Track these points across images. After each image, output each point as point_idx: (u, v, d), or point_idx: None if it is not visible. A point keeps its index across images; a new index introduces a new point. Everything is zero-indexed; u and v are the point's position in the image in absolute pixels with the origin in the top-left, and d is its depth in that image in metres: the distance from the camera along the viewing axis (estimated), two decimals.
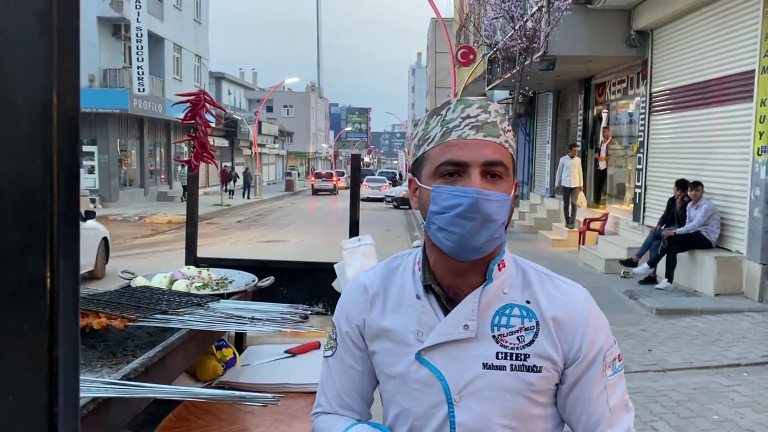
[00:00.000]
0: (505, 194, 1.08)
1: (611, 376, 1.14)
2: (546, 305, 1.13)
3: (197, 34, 33.06)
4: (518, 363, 1.10)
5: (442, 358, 1.12)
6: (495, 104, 1.14)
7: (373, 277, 1.25)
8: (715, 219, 8.36)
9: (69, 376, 0.40)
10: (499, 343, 1.11)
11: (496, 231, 1.07)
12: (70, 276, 0.40)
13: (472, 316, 1.10)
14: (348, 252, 2.67)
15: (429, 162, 1.11)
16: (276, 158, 57.75)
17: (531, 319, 1.11)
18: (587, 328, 1.13)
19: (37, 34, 0.38)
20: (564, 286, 1.17)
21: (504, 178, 1.09)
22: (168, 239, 16.10)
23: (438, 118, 1.12)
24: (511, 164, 1.11)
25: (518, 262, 1.19)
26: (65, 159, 0.40)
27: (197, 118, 2.69)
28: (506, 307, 1.13)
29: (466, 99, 1.13)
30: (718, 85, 8.84)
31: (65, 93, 0.39)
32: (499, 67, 13.93)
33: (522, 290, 1.14)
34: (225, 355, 2.16)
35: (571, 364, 1.12)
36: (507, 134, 1.12)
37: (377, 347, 1.19)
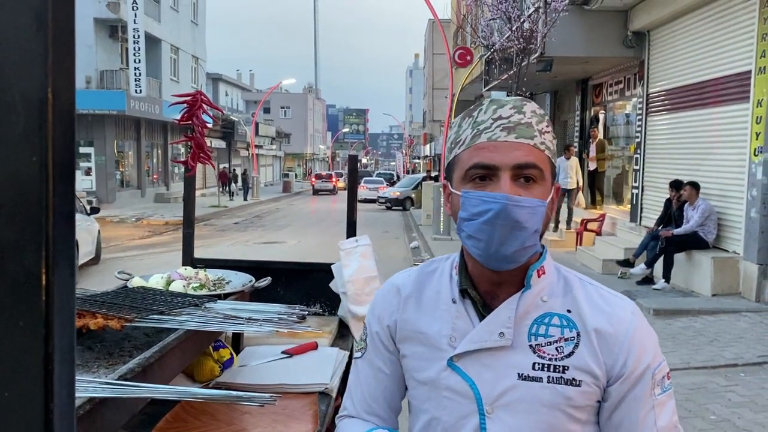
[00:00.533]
0: (539, 200, 1.02)
1: (660, 395, 1.06)
2: (589, 316, 1.06)
3: (194, 36, 33.06)
4: (556, 375, 1.04)
5: (475, 366, 1.07)
6: (532, 104, 1.08)
7: (408, 278, 1.22)
8: (712, 220, 8.38)
9: (65, 372, 0.40)
10: (537, 353, 1.05)
11: (528, 239, 1.01)
12: (66, 272, 0.40)
13: (508, 324, 1.05)
14: (345, 253, 2.67)
15: (459, 166, 1.07)
16: (273, 159, 57.75)
17: (571, 329, 1.06)
18: (633, 342, 1.05)
19: (33, 30, 0.38)
20: (610, 297, 1.10)
21: (539, 182, 1.03)
22: (165, 240, 16.08)
23: (469, 120, 1.08)
24: (548, 167, 1.05)
25: (560, 270, 1.13)
26: (61, 156, 0.40)
27: (194, 119, 2.68)
28: (545, 315, 1.07)
29: (500, 99, 1.08)
30: (714, 86, 8.86)
31: (61, 90, 0.39)
32: (497, 68, 13.95)
33: (563, 299, 1.08)
34: (222, 355, 2.16)
35: (615, 380, 1.05)
36: (544, 135, 1.06)
37: (408, 350, 1.15)
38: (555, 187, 1.08)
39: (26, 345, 0.39)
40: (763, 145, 7.49)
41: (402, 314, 1.17)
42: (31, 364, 0.39)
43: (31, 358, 0.39)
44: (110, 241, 15.72)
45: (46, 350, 0.39)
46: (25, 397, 0.39)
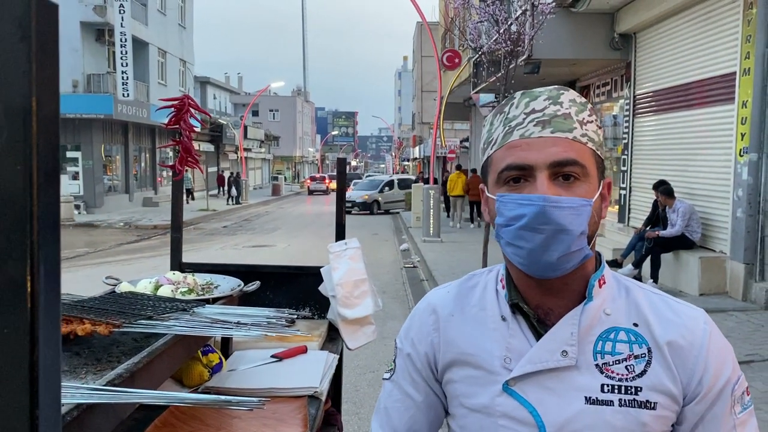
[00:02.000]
0: (583, 199, 0.91)
1: (741, 414, 0.95)
2: (658, 328, 0.95)
3: (182, 39, 32.93)
4: (628, 397, 0.92)
5: (536, 390, 0.95)
6: (571, 92, 0.97)
7: (446, 296, 1.10)
8: (694, 219, 8.46)
9: (50, 379, 0.40)
10: (604, 373, 0.93)
11: (574, 243, 0.90)
12: (51, 280, 0.41)
13: (571, 341, 0.94)
14: (334, 255, 2.67)
15: (493, 168, 0.98)
16: (262, 162, 57.62)
17: (641, 344, 0.95)
18: (710, 355, 0.94)
19: (16, 40, 0.38)
20: (678, 307, 0.99)
21: (582, 180, 0.92)
22: (154, 245, 16.00)
23: (501, 117, 0.98)
24: (592, 161, 0.95)
25: (620, 279, 1.02)
26: (45, 164, 0.40)
27: (181, 123, 2.68)
28: (610, 330, 0.96)
29: (533, 91, 0.97)
30: (700, 87, 8.94)
31: (45, 99, 0.40)
32: (485, 70, 14.00)
33: (627, 311, 0.97)
34: (211, 360, 2.16)
35: (691, 400, 0.93)
36: (586, 126, 0.95)
37: (455, 375, 1.03)
38: (605, 182, 0.98)
39: (11, 353, 0.39)
40: (748, 146, 7.57)
41: (443, 335, 1.06)
42: (17, 372, 0.39)
43: (16, 367, 0.39)
44: (98, 245, 15.63)
45: (31, 358, 0.39)
46: (11, 405, 0.39)
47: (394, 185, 29.35)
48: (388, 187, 29.20)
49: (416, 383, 1.10)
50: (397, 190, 28.93)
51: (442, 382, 1.08)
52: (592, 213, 0.93)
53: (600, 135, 0.98)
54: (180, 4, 32.82)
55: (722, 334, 0.99)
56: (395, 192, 28.89)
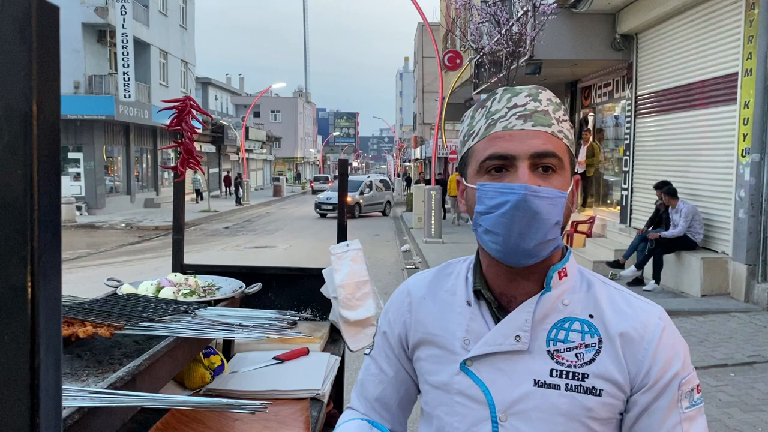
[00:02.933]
0: (560, 190, 0.96)
1: (688, 409, 0.98)
2: (612, 320, 1.00)
3: (183, 40, 32.95)
4: (575, 383, 0.97)
5: (490, 371, 1.01)
6: (548, 92, 1.02)
7: (422, 281, 1.18)
8: (697, 220, 8.44)
9: (51, 385, 0.40)
10: (555, 359, 0.99)
11: (550, 232, 0.95)
12: (52, 285, 0.40)
13: (525, 327, 1.00)
14: (336, 257, 2.67)
15: (474, 158, 1.01)
16: (263, 164, 57.63)
17: (593, 334, 0.99)
18: (660, 349, 0.98)
19: (17, 42, 0.38)
20: (636, 302, 1.04)
21: (558, 172, 0.98)
22: (155, 246, 16.00)
23: (483, 111, 1.02)
24: (567, 157, 1.00)
25: (584, 273, 1.07)
26: (46, 168, 0.39)
27: (183, 125, 2.67)
28: (566, 320, 1.01)
29: (514, 88, 1.02)
30: (702, 87, 8.93)
31: (45, 102, 0.39)
32: (486, 71, 14.00)
33: (585, 303, 1.02)
34: (213, 362, 2.15)
35: (638, 390, 0.98)
36: (562, 124, 1.00)
37: (422, 353, 1.11)
38: (575, 179, 1.02)
39: (12, 359, 0.39)
40: (750, 146, 7.56)
41: (415, 316, 1.14)
42: (17, 378, 0.39)
43: (16, 373, 0.39)
44: (99, 246, 15.63)
45: (32, 364, 0.39)
46: (11, 412, 0.39)
47: (373, 187, 27.08)
48: (368, 188, 26.81)
49: (390, 359, 1.19)
50: (376, 192, 27.02)
51: (412, 359, 1.15)
52: (566, 204, 0.98)
53: (572, 133, 1.04)
54: (181, 5, 32.84)
55: (678, 332, 1.04)
56: (374, 194, 26.89)
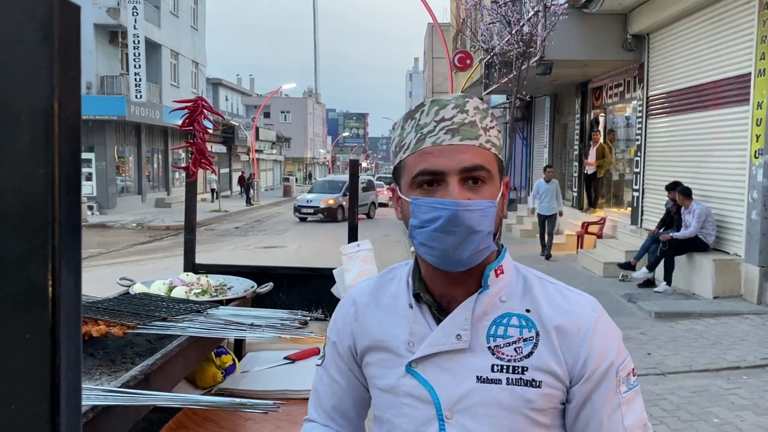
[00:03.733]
0: (489, 201, 1.00)
1: (626, 393, 1.03)
2: (548, 314, 1.03)
3: (194, 41, 33.10)
4: (515, 376, 1.00)
5: (434, 371, 1.04)
6: (474, 100, 1.04)
7: (366, 288, 1.20)
8: (709, 222, 8.37)
9: (71, 384, 0.40)
10: (495, 354, 1.02)
11: (482, 242, 0.99)
12: (72, 284, 0.40)
13: (465, 326, 1.03)
14: (347, 257, 2.67)
15: (406, 171, 1.05)
16: (273, 164, 57.76)
17: (530, 329, 1.03)
18: (595, 339, 1.02)
19: (39, 41, 0.38)
20: (570, 294, 1.07)
21: (488, 183, 1.01)
22: (166, 245, 16.07)
23: (412, 123, 1.04)
24: (495, 165, 1.03)
25: (519, 269, 1.10)
26: (67, 167, 0.39)
27: (195, 125, 2.68)
28: (504, 316, 1.04)
29: (440, 99, 1.04)
30: (714, 88, 8.87)
31: (67, 101, 0.39)
32: (496, 71, 13.97)
33: (522, 298, 1.05)
34: (224, 361, 2.16)
35: (577, 380, 1.02)
36: (489, 132, 1.03)
37: (370, 359, 1.13)
38: (504, 182, 1.06)
39: (33, 358, 0.39)
40: (763, 147, 7.49)
41: (361, 324, 1.15)
42: (38, 376, 0.39)
43: (37, 371, 0.39)
44: (111, 246, 15.73)
45: (52, 363, 0.39)
46: (32, 410, 0.39)
47: None
48: None
49: (341, 369, 1.20)
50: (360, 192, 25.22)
51: (362, 366, 1.17)
52: (497, 212, 1.02)
53: (500, 139, 1.06)
54: (192, 6, 32.98)
55: (611, 321, 1.07)
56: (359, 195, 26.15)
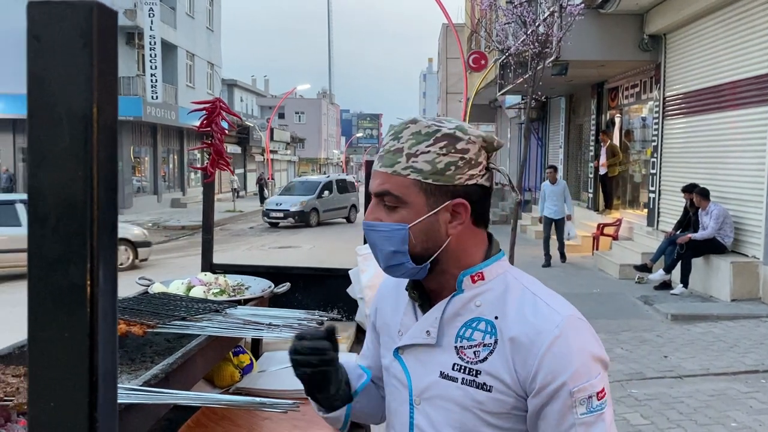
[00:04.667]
0: (397, 224, 1.08)
1: (584, 415, 1.02)
2: (509, 324, 1.06)
3: (210, 42, 33.30)
4: (469, 378, 1.07)
5: (412, 360, 1.15)
6: (420, 123, 1.10)
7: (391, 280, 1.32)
8: (727, 223, 8.29)
9: (108, 381, 0.41)
10: (459, 354, 1.09)
11: (391, 258, 1.10)
12: (109, 284, 0.41)
13: (434, 324, 1.11)
14: (363, 258, 2.67)
15: None
16: (288, 164, 57.94)
17: (492, 335, 1.07)
18: (547, 356, 1.02)
19: (79, 47, 0.39)
20: (542, 308, 1.07)
21: (401, 207, 1.08)
22: (182, 245, 16.19)
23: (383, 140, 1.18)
24: (414, 190, 1.08)
25: (507, 277, 1.13)
26: (105, 169, 0.40)
27: (213, 126, 2.71)
28: (474, 320, 1.09)
29: (397, 126, 1.14)
30: (732, 89, 8.78)
31: (104, 105, 0.40)
32: (511, 72, 13.92)
33: (495, 305, 1.09)
34: (242, 361, 2.17)
35: (529, 393, 1.05)
36: (418, 157, 1.07)
37: (381, 339, 1.29)
38: (452, 203, 1.09)
39: (72, 355, 0.40)
40: None
41: (379, 307, 1.31)
42: (77, 374, 0.40)
43: (76, 369, 0.40)
44: None
45: (91, 360, 0.40)
46: (72, 407, 0.40)
47: (333, 188, 22.80)
48: (327, 190, 22.64)
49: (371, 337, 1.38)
50: (337, 194, 22.99)
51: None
52: (417, 233, 1.08)
53: (435, 164, 1.08)
54: (208, 8, 33.19)
55: (581, 341, 1.05)
56: (335, 197, 22.78)
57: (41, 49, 0.39)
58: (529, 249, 12.72)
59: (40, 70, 0.39)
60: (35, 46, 0.39)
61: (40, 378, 0.40)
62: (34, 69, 0.39)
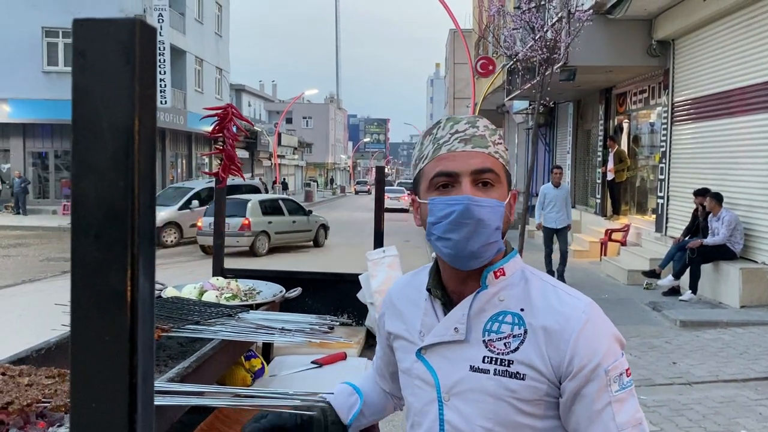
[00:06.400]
0: (498, 200, 1.13)
1: (618, 392, 1.08)
2: (538, 314, 1.12)
3: (218, 47, 33.46)
4: (501, 368, 1.11)
5: (437, 358, 1.18)
6: (484, 120, 1.19)
7: (400, 283, 1.37)
8: (738, 230, 8.26)
9: (146, 384, 0.42)
10: (488, 347, 1.13)
11: (491, 236, 1.11)
12: (148, 290, 0.43)
13: (461, 320, 1.15)
14: (373, 263, 2.68)
15: (424, 177, 1.18)
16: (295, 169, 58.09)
17: (520, 326, 1.12)
18: (580, 339, 1.09)
19: (122, 63, 0.41)
20: (565, 297, 1.15)
21: (495, 186, 1.14)
22: (190, 250, 16.23)
23: (430, 138, 1.19)
24: (503, 173, 1.16)
25: (525, 272, 1.20)
26: (145, 180, 0.42)
27: (225, 131, 2.73)
28: (500, 314, 1.14)
29: (455, 117, 1.19)
30: (741, 95, 8.75)
31: (145, 117, 0.42)
32: (519, 77, 13.92)
33: (519, 298, 1.15)
34: (253, 365, 2.19)
35: (565, 377, 1.09)
36: (497, 146, 1.17)
37: (396, 344, 1.30)
38: (512, 193, 1.18)
39: (112, 359, 0.41)
40: None
41: (390, 313, 1.33)
42: (117, 377, 0.41)
43: (116, 372, 0.41)
44: None
45: (130, 363, 0.41)
46: (112, 409, 0.41)
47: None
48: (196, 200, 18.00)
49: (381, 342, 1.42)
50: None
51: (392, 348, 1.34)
52: (505, 212, 1.14)
53: (507, 155, 1.20)
54: (216, 13, 33.37)
55: (604, 324, 1.13)
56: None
57: (86, 64, 0.41)
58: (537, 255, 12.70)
59: (84, 85, 0.41)
60: (80, 62, 0.41)
61: (82, 379, 0.42)
62: (79, 83, 0.41)
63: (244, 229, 15.06)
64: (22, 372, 1.31)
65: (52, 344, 1.64)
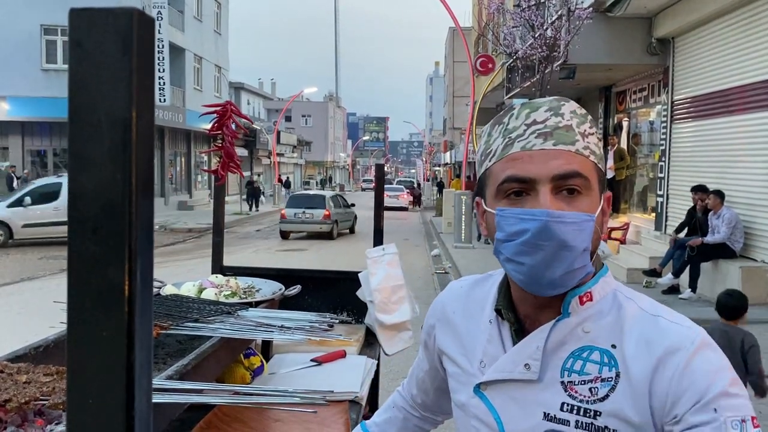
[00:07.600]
0: (586, 214, 0.88)
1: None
2: (635, 354, 0.88)
3: (217, 45, 33.44)
4: (586, 420, 0.89)
5: (502, 398, 0.96)
6: (571, 103, 0.93)
7: (459, 291, 1.14)
8: (738, 228, 8.27)
9: (144, 380, 0.42)
10: (568, 391, 0.91)
11: (577, 260, 0.87)
12: (146, 284, 0.42)
13: (535, 355, 0.93)
14: (372, 261, 2.68)
15: (492, 180, 0.94)
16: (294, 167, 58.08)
17: (611, 368, 0.89)
18: (685, 375, 0.85)
19: (119, 54, 0.40)
20: (668, 327, 0.90)
21: (584, 193, 0.89)
22: (189, 248, 16.24)
23: (500, 128, 0.95)
24: (594, 175, 0.91)
25: (618, 296, 0.95)
26: (142, 172, 0.41)
27: (224, 129, 2.72)
28: (585, 349, 0.92)
29: (533, 102, 0.94)
30: (741, 93, 8.75)
31: (143, 110, 0.41)
32: (518, 75, 13.92)
33: (610, 331, 0.91)
34: (252, 363, 2.18)
35: (667, 422, 0.86)
36: (588, 139, 0.91)
37: (448, 368, 1.10)
38: (605, 196, 0.95)
39: (110, 354, 0.40)
40: None
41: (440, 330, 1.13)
42: (115, 372, 0.40)
43: (114, 367, 0.40)
44: None
45: (128, 359, 0.40)
46: (109, 405, 0.41)
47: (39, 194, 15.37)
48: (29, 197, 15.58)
49: (425, 354, 1.23)
50: None
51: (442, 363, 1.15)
52: (595, 228, 0.90)
53: (600, 148, 0.95)
54: (216, 11, 33.34)
55: (717, 356, 0.89)
56: None
57: (83, 55, 0.40)
58: None
59: (81, 76, 0.40)
60: (77, 52, 0.40)
61: (79, 376, 0.41)
62: (75, 74, 0.40)
63: (326, 218, 18.39)
64: (20, 369, 1.30)
65: (51, 342, 1.64)
